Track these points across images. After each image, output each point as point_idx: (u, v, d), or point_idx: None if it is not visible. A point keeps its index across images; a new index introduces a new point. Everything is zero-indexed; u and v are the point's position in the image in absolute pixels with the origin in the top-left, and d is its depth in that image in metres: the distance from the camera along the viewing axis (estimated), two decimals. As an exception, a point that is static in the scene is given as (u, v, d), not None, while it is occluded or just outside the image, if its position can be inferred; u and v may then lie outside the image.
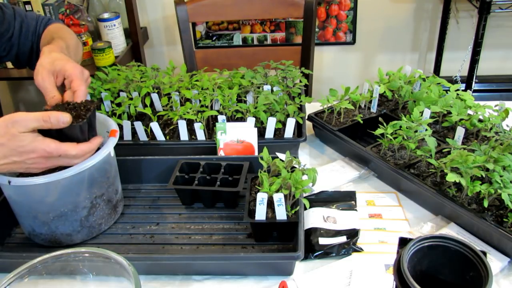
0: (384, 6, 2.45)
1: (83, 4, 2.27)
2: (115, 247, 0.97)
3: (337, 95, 1.29)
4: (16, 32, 1.22)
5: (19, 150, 0.84)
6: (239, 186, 1.02)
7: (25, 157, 0.85)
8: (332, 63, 2.64)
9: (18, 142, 0.84)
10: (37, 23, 1.26)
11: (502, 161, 0.96)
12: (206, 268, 0.91)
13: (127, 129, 1.23)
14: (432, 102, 1.22)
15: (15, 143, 0.84)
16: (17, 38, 1.23)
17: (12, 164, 0.86)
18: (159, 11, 2.53)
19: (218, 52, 2.07)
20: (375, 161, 1.13)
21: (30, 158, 0.85)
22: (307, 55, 1.91)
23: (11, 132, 0.83)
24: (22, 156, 0.85)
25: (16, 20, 1.23)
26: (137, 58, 2.32)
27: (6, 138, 0.83)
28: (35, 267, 0.73)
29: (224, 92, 1.28)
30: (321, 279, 0.88)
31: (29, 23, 1.25)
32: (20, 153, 0.85)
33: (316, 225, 0.98)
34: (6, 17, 1.21)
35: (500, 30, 2.46)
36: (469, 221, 0.95)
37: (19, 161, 0.86)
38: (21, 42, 1.23)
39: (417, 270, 0.71)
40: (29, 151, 0.85)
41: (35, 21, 1.26)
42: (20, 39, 1.23)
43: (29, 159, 0.86)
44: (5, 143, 0.83)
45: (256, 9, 1.90)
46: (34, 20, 1.26)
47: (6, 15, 1.21)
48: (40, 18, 1.28)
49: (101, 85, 1.37)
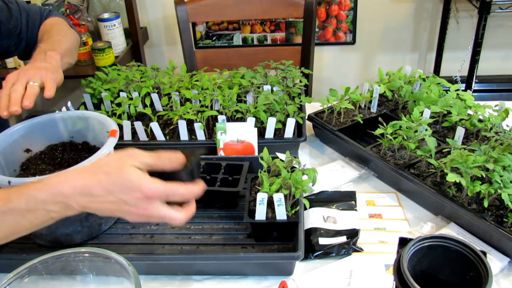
0: (384, 6, 2.45)
1: (83, 4, 2.27)
2: (115, 247, 0.97)
3: (337, 95, 1.29)
4: (24, 27, 1.24)
5: (126, 185, 0.73)
6: (239, 186, 1.02)
7: (129, 196, 0.73)
8: (332, 63, 2.64)
9: (126, 175, 0.74)
10: (41, 17, 1.28)
11: (502, 161, 0.96)
12: (206, 268, 0.91)
13: (127, 129, 1.23)
14: (432, 102, 1.22)
15: (123, 175, 0.74)
16: (25, 33, 1.24)
17: (112, 203, 0.74)
18: (159, 11, 2.53)
19: (218, 52, 2.07)
20: (375, 161, 1.13)
21: (134, 197, 0.73)
22: (307, 55, 1.91)
23: (123, 164, 0.75)
24: (127, 194, 0.73)
25: (22, 15, 1.24)
26: (137, 58, 2.32)
27: (115, 169, 0.74)
28: (35, 267, 0.73)
29: (224, 92, 1.28)
30: (321, 279, 0.88)
31: (34, 17, 1.26)
32: (125, 189, 0.73)
33: (316, 225, 0.98)
34: (12, 13, 1.22)
35: (500, 30, 2.46)
36: (469, 221, 0.95)
37: (121, 200, 0.74)
38: (28, 37, 1.25)
39: (417, 270, 0.71)
40: (135, 187, 0.73)
41: (39, 15, 1.28)
42: (27, 33, 1.25)
43: (132, 198, 0.73)
44: (112, 175, 0.74)
45: (256, 9, 1.90)
46: (38, 14, 1.27)
47: (12, 11, 1.22)
48: (42, 10, 1.29)
49: (101, 85, 1.37)
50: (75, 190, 0.73)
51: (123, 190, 0.73)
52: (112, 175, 0.74)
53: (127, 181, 0.73)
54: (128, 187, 0.73)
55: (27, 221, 0.74)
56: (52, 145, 1.12)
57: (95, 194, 0.74)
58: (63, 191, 0.73)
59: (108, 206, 0.75)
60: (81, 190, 0.73)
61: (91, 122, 1.11)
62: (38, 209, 0.73)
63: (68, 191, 0.73)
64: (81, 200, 0.74)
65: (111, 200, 0.74)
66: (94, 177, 0.74)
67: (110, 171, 0.75)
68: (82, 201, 0.74)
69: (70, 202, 0.73)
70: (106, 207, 0.75)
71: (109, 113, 1.29)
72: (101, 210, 0.75)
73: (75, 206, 0.74)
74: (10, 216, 0.73)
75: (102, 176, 0.74)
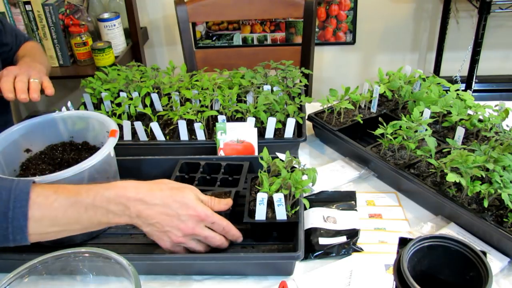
0: (384, 6, 2.45)
1: (83, 4, 2.27)
2: (115, 247, 0.97)
3: (337, 95, 1.29)
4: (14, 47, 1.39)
5: (184, 202, 0.84)
6: (239, 186, 1.02)
7: (184, 212, 0.84)
8: (332, 63, 2.64)
9: (186, 195, 0.85)
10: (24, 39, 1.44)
11: (502, 161, 0.96)
12: (206, 268, 0.91)
13: (127, 129, 1.23)
14: (432, 102, 1.22)
15: (184, 194, 0.84)
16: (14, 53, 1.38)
17: (165, 215, 0.83)
18: (159, 11, 2.53)
19: (218, 52, 2.07)
20: (375, 161, 1.13)
21: (187, 214, 0.84)
22: (307, 55, 1.91)
23: (185, 187, 0.87)
24: (182, 209, 0.83)
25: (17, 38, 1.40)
26: (137, 58, 2.32)
27: (178, 188, 0.86)
28: (35, 267, 0.73)
29: (224, 92, 1.28)
30: (321, 279, 0.88)
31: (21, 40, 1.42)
32: (182, 205, 0.84)
33: (316, 225, 0.98)
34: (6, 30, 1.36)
35: (500, 30, 2.46)
36: (469, 221, 0.95)
37: (175, 214, 0.83)
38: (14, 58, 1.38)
39: (417, 270, 0.71)
40: (191, 206, 0.84)
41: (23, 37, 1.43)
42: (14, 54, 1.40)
43: (186, 215, 0.84)
44: (174, 190, 0.85)
45: (256, 9, 1.90)
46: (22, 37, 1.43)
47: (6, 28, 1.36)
48: (21, 34, 1.46)
49: (101, 85, 1.37)
50: (138, 195, 0.82)
51: (180, 205, 0.83)
52: (174, 191, 0.84)
53: (186, 199, 0.84)
54: (186, 204, 0.84)
55: (87, 218, 0.80)
56: (52, 145, 1.12)
57: (154, 202, 0.82)
58: (127, 193, 0.81)
59: (160, 217, 0.83)
60: (143, 196, 0.82)
61: (91, 122, 1.11)
62: (101, 207, 0.80)
63: (131, 193, 0.81)
64: (139, 206, 0.82)
65: (166, 212, 0.83)
66: (158, 186, 0.84)
67: (174, 187, 0.85)
68: (139, 207, 0.82)
69: (129, 205, 0.81)
70: (159, 218, 0.83)
71: (109, 113, 1.29)
72: (153, 219, 0.82)
73: (132, 210, 0.81)
74: (75, 208, 0.79)
75: (166, 189, 0.84)
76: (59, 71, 2.13)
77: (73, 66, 2.17)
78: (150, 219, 0.83)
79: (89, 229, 0.83)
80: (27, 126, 1.08)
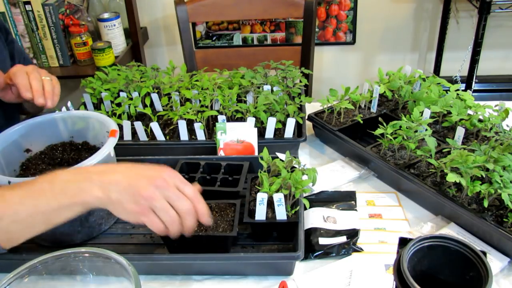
0: (384, 6, 2.45)
1: (83, 4, 2.27)
2: (115, 247, 0.97)
3: (337, 95, 1.29)
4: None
5: (149, 165, 0.80)
6: (239, 186, 1.02)
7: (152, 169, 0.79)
8: (332, 63, 2.64)
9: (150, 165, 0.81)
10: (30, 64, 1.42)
11: (502, 161, 0.96)
12: (206, 268, 0.91)
13: (127, 129, 1.23)
14: (432, 102, 1.22)
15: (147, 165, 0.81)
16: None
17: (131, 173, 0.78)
18: (159, 11, 2.53)
19: (218, 52, 2.07)
20: (375, 161, 1.13)
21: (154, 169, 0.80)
22: (307, 55, 1.91)
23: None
24: (149, 169, 0.79)
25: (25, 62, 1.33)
26: (137, 58, 2.32)
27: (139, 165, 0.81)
28: (35, 267, 0.73)
29: (224, 92, 1.28)
30: (321, 279, 0.88)
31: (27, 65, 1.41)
32: (148, 166, 0.80)
33: (316, 225, 0.98)
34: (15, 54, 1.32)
35: (500, 30, 2.46)
36: (469, 221, 0.95)
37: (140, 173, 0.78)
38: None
39: (417, 270, 0.71)
40: (157, 167, 0.80)
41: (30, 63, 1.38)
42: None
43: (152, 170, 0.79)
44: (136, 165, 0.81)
45: (256, 9, 1.90)
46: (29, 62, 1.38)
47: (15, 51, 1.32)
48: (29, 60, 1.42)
49: (101, 85, 1.37)
50: (98, 168, 0.81)
51: (146, 166, 0.80)
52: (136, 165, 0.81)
53: (150, 165, 0.81)
54: (151, 166, 0.81)
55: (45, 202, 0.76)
56: (52, 145, 1.12)
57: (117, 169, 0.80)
58: (85, 168, 0.82)
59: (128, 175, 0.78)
60: (104, 167, 0.81)
61: (91, 122, 1.11)
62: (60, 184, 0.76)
63: (90, 168, 0.82)
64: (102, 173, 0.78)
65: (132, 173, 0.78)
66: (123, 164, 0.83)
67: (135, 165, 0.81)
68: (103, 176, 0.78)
69: (91, 175, 0.77)
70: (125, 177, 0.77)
71: (109, 113, 1.29)
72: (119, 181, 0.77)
73: (95, 179, 0.77)
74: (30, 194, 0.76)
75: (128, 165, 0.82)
76: (59, 71, 2.13)
77: (73, 66, 2.17)
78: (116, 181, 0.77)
79: (53, 219, 0.78)
80: (27, 126, 1.08)
